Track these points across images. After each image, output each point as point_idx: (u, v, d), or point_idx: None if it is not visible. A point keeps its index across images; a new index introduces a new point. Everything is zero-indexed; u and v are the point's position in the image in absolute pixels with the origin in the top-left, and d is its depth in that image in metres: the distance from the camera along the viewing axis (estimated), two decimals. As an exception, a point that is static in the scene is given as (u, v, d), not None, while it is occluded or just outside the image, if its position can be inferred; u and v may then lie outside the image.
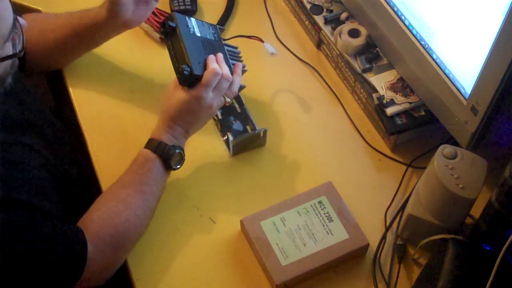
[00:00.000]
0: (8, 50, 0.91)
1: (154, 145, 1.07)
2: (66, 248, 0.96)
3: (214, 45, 1.14)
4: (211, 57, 1.09)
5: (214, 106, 1.09)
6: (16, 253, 0.91)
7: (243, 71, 1.18)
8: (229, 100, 1.11)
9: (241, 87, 1.16)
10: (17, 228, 0.92)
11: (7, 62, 0.93)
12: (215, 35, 1.17)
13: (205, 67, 1.08)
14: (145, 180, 1.05)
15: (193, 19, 1.14)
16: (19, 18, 0.93)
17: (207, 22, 1.18)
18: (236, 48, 1.20)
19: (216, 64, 1.08)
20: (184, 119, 1.08)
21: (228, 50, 1.17)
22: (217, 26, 1.20)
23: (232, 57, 1.17)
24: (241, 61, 1.19)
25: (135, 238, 1.05)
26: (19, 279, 0.93)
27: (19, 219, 0.92)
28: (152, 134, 1.09)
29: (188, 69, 1.05)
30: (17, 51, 0.93)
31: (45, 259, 0.94)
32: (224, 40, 1.20)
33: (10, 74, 0.95)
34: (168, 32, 1.10)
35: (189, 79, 1.06)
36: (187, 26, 1.12)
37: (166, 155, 1.06)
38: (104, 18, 1.14)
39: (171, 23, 1.09)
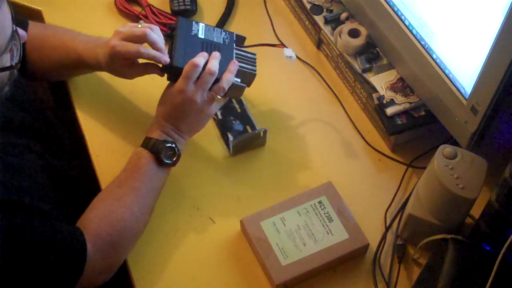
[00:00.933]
0: (6, 61, 0.90)
1: (146, 142, 1.08)
2: (66, 248, 0.96)
3: (220, 47, 1.14)
4: (201, 53, 1.09)
5: (198, 101, 1.07)
6: (16, 254, 0.91)
7: (252, 76, 1.14)
8: (219, 97, 1.09)
9: (241, 87, 1.15)
10: (17, 230, 0.92)
11: (4, 74, 0.92)
12: (226, 40, 1.16)
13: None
14: (138, 177, 1.05)
15: (202, 24, 1.16)
16: (19, 30, 0.93)
17: (222, 29, 1.17)
18: (251, 53, 1.17)
19: (199, 58, 1.07)
20: (170, 115, 1.08)
21: (239, 54, 1.15)
22: (236, 33, 1.18)
23: (244, 61, 1.15)
24: (254, 66, 1.16)
25: (133, 236, 1.05)
26: (19, 280, 0.93)
27: (19, 221, 0.92)
28: (147, 133, 1.10)
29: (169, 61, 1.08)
30: (14, 63, 0.92)
31: (45, 260, 0.94)
32: (245, 47, 1.18)
33: (7, 85, 0.95)
34: (170, 35, 1.14)
35: (171, 71, 1.08)
36: (191, 28, 1.14)
37: (156, 149, 1.06)
38: (102, 70, 1.16)
39: (172, 26, 1.13)
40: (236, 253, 1.09)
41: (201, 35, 1.14)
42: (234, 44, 1.16)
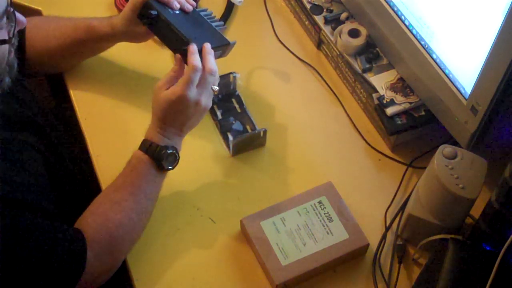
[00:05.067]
0: (3, 36, 0.91)
1: (146, 146, 1.05)
2: (66, 250, 0.95)
3: (193, 15, 1.14)
4: (191, 50, 1.05)
5: (202, 102, 1.04)
6: (16, 253, 0.91)
7: (223, 29, 1.17)
8: (216, 88, 1.07)
9: (232, 43, 1.15)
10: (18, 228, 0.92)
11: (1, 54, 0.93)
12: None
13: (202, 39, 1.07)
14: (137, 182, 1.04)
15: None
16: (18, 14, 0.93)
17: None
18: (207, 9, 1.20)
19: (195, 58, 1.03)
20: (174, 119, 1.05)
21: (204, 15, 1.17)
22: None
23: (209, 18, 1.17)
24: (217, 20, 1.19)
25: (130, 241, 1.05)
26: (18, 279, 0.93)
27: (20, 219, 0.92)
28: (145, 135, 1.07)
29: None
30: (8, 38, 0.92)
31: (45, 261, 0.93)
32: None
33: (7, 75, 0.95)
34: (152, 21, 1.10)
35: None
36: (165, 8, 1.12)
37: (158, 156, 1.04)
38: (114, 39, 1.18)
39: (152, 12, 1.09)
40: (236, 253, 1.09)
41: (176, 11, 1.13)
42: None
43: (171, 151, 1.05)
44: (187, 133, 1.09)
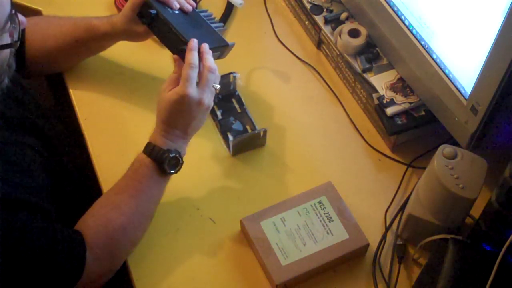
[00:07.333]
0: (6, 40, 0.92)
1: (149, 149, 1.05)
2: (65, 252, 0.95)
3: (192, 15, 1.15)
4: (190, 45, 1.04)
5: (205, 100, 1.04)
6: (15, 254, 0.91)
7: (222, 30, 1.17)
8: (218, 86, 1.06)
9: (231, 45, 1.15)
10: (17, 229, 0.92)
11: (4, 57, 0.93)
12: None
13: (201, 40, 1.07)
14: (139, 186, 1.03)
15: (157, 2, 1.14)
16: (19, 15, 0.93)
17: None
18: (207, 11, 1.21)
19: (192, 55, 1.03)
20: (178, 121, 1.04)
21: (204, 16, 1.18)
22: None
23: (209, 20, 1.18)
24: (217, 21, 1.20)
25: (131, 244, 1.04)
26: (17, 280, 0.93)
27: (20, 220, 0.92)
28: (150, 138, 1.06)
29: None
30: (13, 41, 0.93)
31: (43, 262, 0.93)
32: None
33: (6, 75, 0.95)
34: (151, 21, 1.10)
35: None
36: (165, 7, 1.12)
37: (160, 159, 1.03)
38: (114, 38, 1.19)
39: (152, 11, 1.10)
40: (236, 253, 1.09)
41: (175, 10, 1.13)
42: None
43: (173, 154, 1.04)
44: (192, 135, 1.08)
